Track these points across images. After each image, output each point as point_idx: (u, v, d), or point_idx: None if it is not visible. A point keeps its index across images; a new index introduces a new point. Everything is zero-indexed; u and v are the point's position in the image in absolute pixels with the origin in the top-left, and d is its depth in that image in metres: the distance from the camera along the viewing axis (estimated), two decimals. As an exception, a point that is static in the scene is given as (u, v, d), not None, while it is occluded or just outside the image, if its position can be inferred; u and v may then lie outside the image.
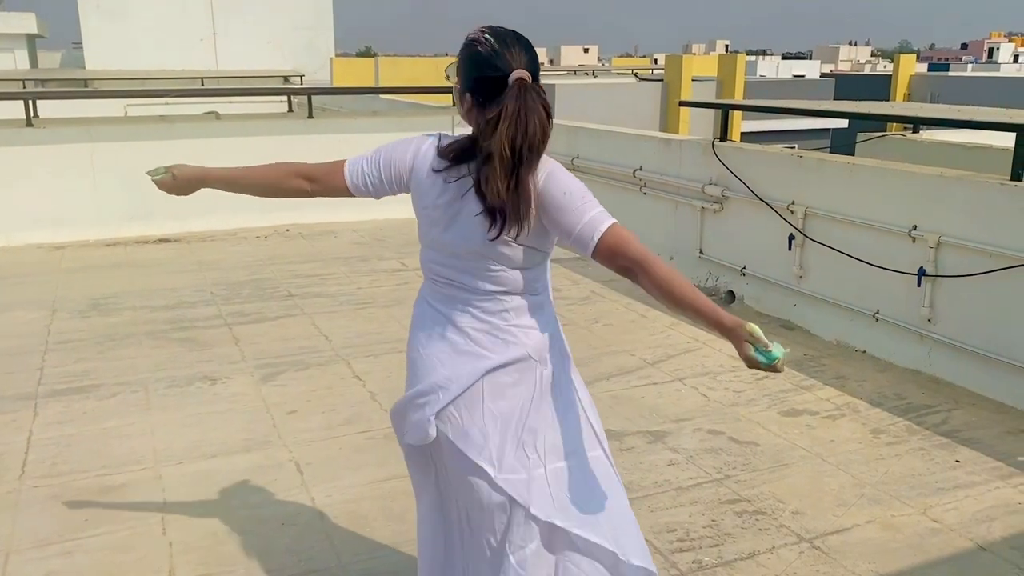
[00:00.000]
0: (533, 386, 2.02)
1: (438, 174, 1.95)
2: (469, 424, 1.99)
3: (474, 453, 1.98)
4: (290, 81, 15.70)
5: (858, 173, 5.06)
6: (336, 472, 3.50)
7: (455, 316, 2.01)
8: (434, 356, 2.02)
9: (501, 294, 1.99)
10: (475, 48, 1.89)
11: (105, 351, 4.92)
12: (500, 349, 1.99)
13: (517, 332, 2.00)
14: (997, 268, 4.20)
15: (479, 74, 1.88)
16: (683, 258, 6.35)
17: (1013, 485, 3.41)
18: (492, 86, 1.86)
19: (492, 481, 1.98)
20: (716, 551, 2.95)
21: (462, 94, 1.94)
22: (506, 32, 1.92)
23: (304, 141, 8.51)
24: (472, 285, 1.98)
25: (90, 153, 7.73)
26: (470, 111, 1.93)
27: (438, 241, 1.99)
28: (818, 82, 31.46)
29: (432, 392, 2.00)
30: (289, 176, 2.09)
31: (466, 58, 1.92)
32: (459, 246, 1.95)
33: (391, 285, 6.30)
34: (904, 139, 7.47)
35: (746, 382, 4.49)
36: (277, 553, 2.93)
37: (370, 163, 2.04)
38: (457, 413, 1.99)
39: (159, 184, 2.27)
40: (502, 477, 1.98)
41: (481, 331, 1.99)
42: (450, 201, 1.94)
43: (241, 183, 2.20)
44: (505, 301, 1.99)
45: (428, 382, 2.02)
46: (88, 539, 3.01)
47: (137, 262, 7.02)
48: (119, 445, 3.73)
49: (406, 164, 2.00)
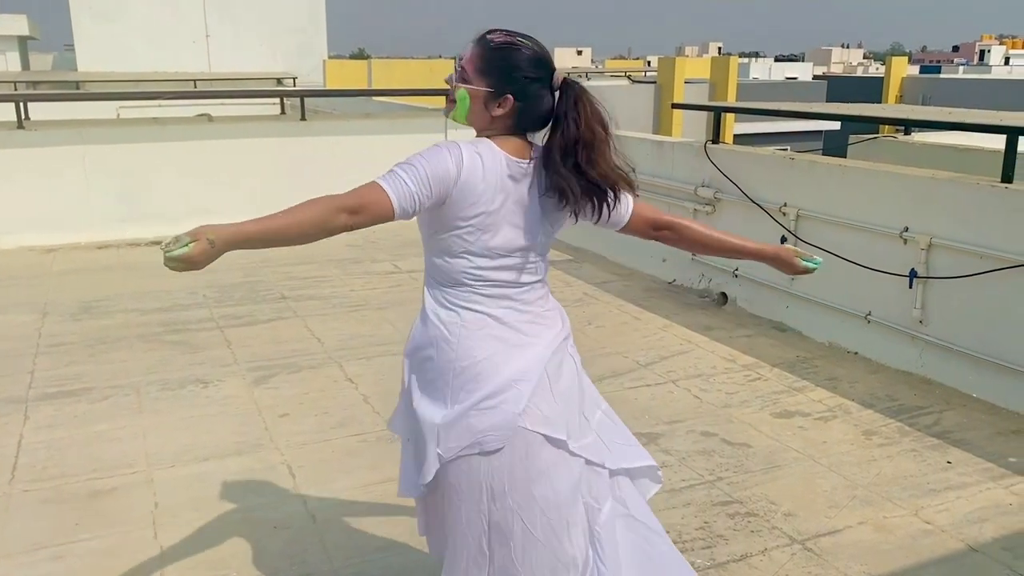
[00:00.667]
0: (572, 359, 2.16)
1: (509, 179, 2.00)
2: (546, 410, 2.02)
3: (552, 430, 2.02)
4: (283, 83, 15.68)
5: (850, 175, 5.08)
6: (329, 475, 3.49)
7: (500, 314, 2.04)
8: (492, 357, 2.01)
9: (535, 283, 2.11)
10: (518, 50, 1.99)
11: (97, 354, 4.90)
12: (546, 334, 2.09)
13: (551, 315, 2.14)
14: (988, 270, 4.21)
15: (532, 74, 1.99)
16: (676, 260, 6.36)
17: (1004, 486, 3.43)
18: (539, 84, 2.00)
19: (570, 452, 2.04)
20: (708, 553, 2.96)
21: (498, 96, 1.99)
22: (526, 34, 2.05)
23: (297, 143, 8.50)
24: (514, 280, 2.06)
25: (82, 155, 7.70)
26: (506, 111, 2.00)
27: (488, 245, 2.01)
28: (810, 84, 31.59)
29: (508, 389, 1.98)
30: (331, 214, 1.87)
31: (510, 60, 1.98)
32: (515, 243, 2.03)
33: (384, 287, 6.30)
34: (896, 141, 7.49)
35: (739, 384, 4.49)
36: (270, 557, 2.93)
37: (417, 183, 1.91)
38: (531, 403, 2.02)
39: (184, 258, 1.80)
40: (577, 445, 2.06)
41: (526, 321, 2.07)
42: (516, 201, 2.01)
43: (283, 235, 1.87)
44: (538, 289, 2.12)
45: (497, 382, 1.99)
46: (79, 543, 2.99)
47: (129, 265, 7.00)
48: (110, 448, 3.72)
49: (451, 177, 1.94)
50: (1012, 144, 4.29)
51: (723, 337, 5.23)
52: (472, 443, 1.98)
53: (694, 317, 5.63)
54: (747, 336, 5.25)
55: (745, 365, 4.77)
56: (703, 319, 5.60)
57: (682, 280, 6.36)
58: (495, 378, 1.99)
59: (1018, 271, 4.08)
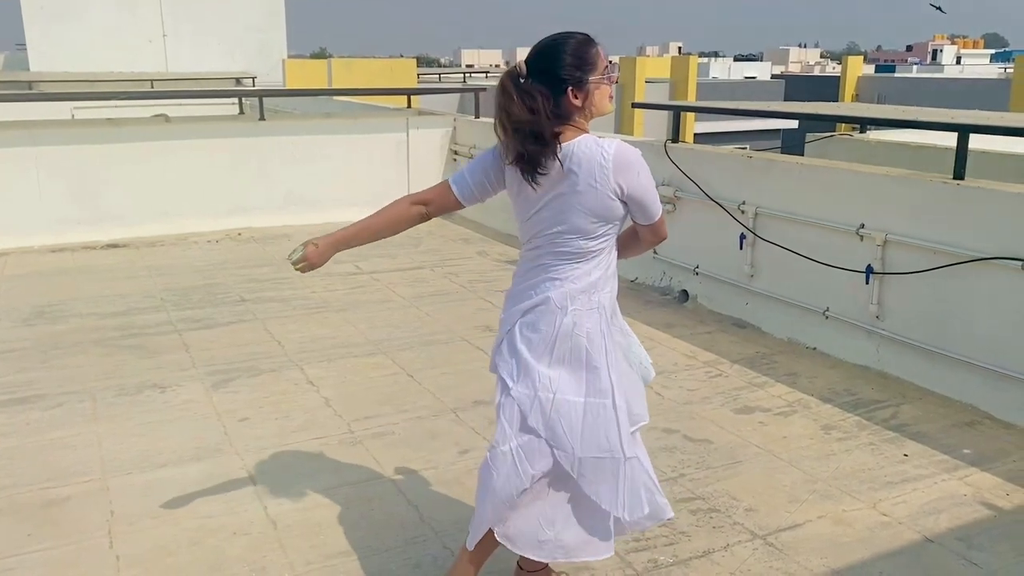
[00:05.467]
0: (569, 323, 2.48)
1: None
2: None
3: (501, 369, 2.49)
4: (242, 83, 15.48)
5: (807, 173, 5.14)
6: (289, 480, 3.45)
7: None
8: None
9: None
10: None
11: (50, 360, 4.80)
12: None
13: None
14: (941, 265, 4.29)
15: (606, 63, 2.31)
16: (638, 259, 6.38)
17: (959, 477, 3.49)
18: None
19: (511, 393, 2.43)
20: (671, 550, 2.97)
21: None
22: None
23: (256, 143, 8.41)
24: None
25: (35, 157, 7.53)
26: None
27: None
28: (769, 83, 31.99)
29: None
30: (409, 207, 2.43)
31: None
32: None
33: (345, 289, 6.24)
34: (852, 139, 7.61)
35: (700, 380, 4.53)
36: (229, 563, 2.88)
37: (472, 172, 2.43)
38: None
39: (301, 262, 2.47)
40: (515, 391, 2.44)
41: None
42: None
43: (375, 230, 2.47)
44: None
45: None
46: (31, 555, 2.92)
47: (84, 268, 6.86)
48: (64, 457, 3.64)
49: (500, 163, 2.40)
50: (963, 142, 4.37)
51: (684, 334, 5.26)
52: None
53: (655, 315, 5.66)
54: (708, 333, 5.29)
55: (706, 362, 4.81)
56: (664, 316, 5.63)
57: (643, 278, 6.40)
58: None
59: (970, 266, 4.16)
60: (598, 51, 2.28)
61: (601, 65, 2.28)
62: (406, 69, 18.02)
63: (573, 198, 2.27)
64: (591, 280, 2.36)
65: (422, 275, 6.69)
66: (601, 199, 2.27)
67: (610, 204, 2.28)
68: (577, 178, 2.25)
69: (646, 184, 2.31)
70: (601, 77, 2.28)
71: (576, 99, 2.26)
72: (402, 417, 4.06)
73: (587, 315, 2.36)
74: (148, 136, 8.03)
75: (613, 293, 2.46)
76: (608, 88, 2.31)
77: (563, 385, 2.35)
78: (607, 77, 2.29)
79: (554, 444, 2.34)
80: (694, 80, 22.72)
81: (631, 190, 2.28)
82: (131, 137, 7.94)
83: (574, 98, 2.26)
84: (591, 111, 2.30)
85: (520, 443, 2.34)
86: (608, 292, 2.42)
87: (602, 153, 2.25)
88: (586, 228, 2.31)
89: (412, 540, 3.01)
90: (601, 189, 2.25)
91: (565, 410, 2.34)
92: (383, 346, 4.94)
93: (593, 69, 2.27)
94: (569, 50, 2.26)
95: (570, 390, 2.34)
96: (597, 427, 2.34)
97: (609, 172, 2.24)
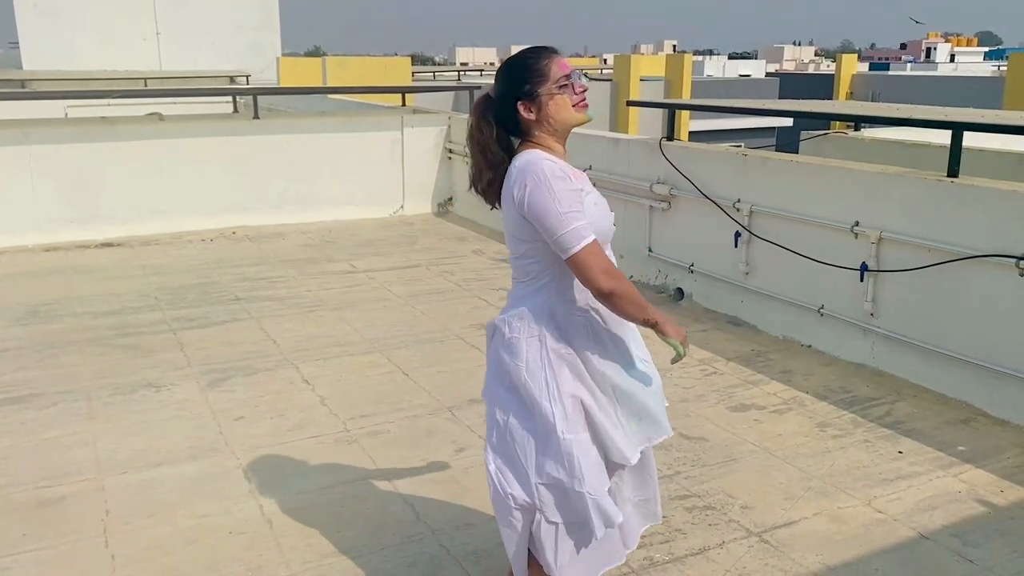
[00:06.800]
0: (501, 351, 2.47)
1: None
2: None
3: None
4: (236, 81, 15.44)
5: (802, 171, 5.15)
6: (285, 479, 3.45)
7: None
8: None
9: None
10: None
11: (45, 359, 4.79)
12: None
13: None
14: (935, 263, 4.30)
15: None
16: (632, 256, 6.40)
17: (953, 474, 3.50)
18: None
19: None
20: (667, 547, 2.98)
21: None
22: None
23: (250, 142, 8.39)
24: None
25: (28, 155, 7.50)
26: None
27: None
28: (763, 81, 32.01)
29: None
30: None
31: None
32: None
33: (340, 287, 6.24)
34: (846, 137, 7.61)
35: (695, 378, 4.53)
36: (224, 562, 2.88)
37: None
38: None
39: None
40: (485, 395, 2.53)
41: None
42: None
43: None
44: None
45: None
46: (26, 554, 2.92)
47: (79, 267, 6.85)
48: (59, 456, 3.63)
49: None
50: (958, 139, 4.38)
51: (680, 332, 5.26)
52: None
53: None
54: (703, 331, 5.30)
55: (701, 360, 4.81)
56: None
57: (639, 276, 6.40)
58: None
59: (964, 264, 4.17)
60: (551, 62, 2.20)
61: (555, 75, 2.19)
62: (401, 67, 17.97)
63: (504, 215, 2.27)
64: (536, 303, 2.27)
65: (418, 273, 6.69)
66: (513, 215, 2.21)
67: (520, 221, 2.19)
68: (506, 194, 2.24)
69: (540, 201, 2.11)
70: (553, 86, 2.19)
71: (529, 112, 2.20)
72: (398, 416, 4.05)
73: (527, 343, 2.27)
74: (142, 135, 8.00)
75: (571, 323, 2.31)
76: (564, 98, 2.20)
77: (514, 407, 2.32)
78: (562, 86, 2.20)
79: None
80: (689, 78, 22.75)
81: (526, 205, 2.14)
82: (125, 136, 7.92)
83: (527, 112, 2.20)
84: (550, 123, 2.21)
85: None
86: (560, 320, 2.29)
87: (514, 165, 2.22)
88: (513, 246, 2.29)
89: (408, 538, 3.01)
90: (514, 204, 2.19)
91: (519, 437, 2.30)
92: (378, 345, 4.94)
93: (543, 80, 2.19)
94: (516, 64, 2.24)
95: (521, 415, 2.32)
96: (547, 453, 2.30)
97: (513, 185, 2.18)
